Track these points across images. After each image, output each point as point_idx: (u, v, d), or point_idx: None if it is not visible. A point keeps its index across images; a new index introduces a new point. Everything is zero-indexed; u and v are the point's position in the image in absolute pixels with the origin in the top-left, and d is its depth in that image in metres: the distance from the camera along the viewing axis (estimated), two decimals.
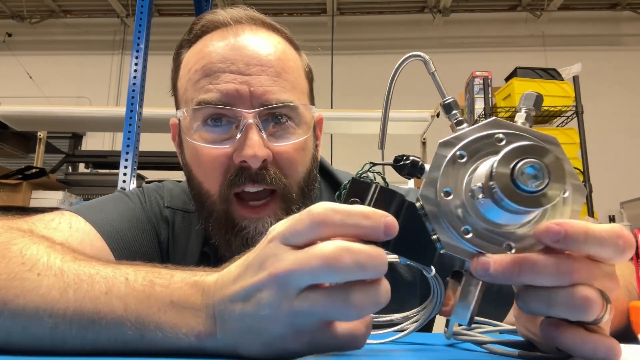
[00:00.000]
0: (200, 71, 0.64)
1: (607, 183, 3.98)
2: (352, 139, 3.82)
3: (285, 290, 0.33)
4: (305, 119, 0.66)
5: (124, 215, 0.67)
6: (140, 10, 2.11)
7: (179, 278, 0.38)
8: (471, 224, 0.32)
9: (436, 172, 0.34)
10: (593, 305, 0.31)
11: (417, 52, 0.39)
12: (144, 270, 0.39)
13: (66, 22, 5.77)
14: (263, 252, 0.35)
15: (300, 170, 0.65)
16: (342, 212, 0.33)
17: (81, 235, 0.60)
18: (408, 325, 0.48)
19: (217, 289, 0.36)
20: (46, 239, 0.45)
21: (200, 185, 0.65)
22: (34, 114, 3.13)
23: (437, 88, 0.38)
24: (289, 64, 0.66)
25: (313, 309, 0.33)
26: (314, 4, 5.53)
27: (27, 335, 0.37)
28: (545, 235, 0.31)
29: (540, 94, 0.36)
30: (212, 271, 0.39)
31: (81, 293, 0.37)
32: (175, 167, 3.37)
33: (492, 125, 0.34)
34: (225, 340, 0.36)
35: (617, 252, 0.31)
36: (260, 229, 0.62)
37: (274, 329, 0.34)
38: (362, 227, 0.33)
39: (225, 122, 0.63)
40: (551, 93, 2.80)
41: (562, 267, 0.31)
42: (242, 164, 0.61)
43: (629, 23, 5.50)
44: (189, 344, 0.36)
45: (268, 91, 0.62)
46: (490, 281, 0.32)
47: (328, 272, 0.32)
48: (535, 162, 0.31)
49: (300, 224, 0.33)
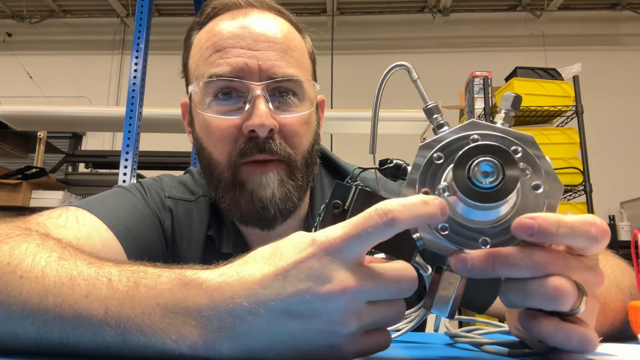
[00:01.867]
0: (210, 47, 0.67)
1: (607, 183, 3.99)
2: (351, 139, 3.82)
3: (356, 305, 0.33)
4: (309, 94, 0.70)
5: (126, 207, 0.69)
6: (140, 10, 2.11)
7: (167, 278, 0.35)
8: (448, 222, 0.34)
9: (415, 174, 0.35)
10: (565, 295, 0.31)
11: (401, 62, 0.41)
12: (129, 270, 0.37)
13: (66, 22, 5.77)
14: (313, 264, 0.32)
15: (304, 142, 0.68)
16: (407, 204, 0.33)
17: (89, 229, 0.61)
18: (403, 325, 0.48)
19: (224, 298, 0.33)
20: (41, 236, 0.45)
21: (210, 155, 0.68)
22: (34, 114, 3.13)
23: (420, 94, 0.40)
24: (295, 43, 0.70)
25: (376, 320, 0.34)
26: (313, 4, 5.53)
27: (17, 339, 0.37)
28: (520, 230, 0.32)
29: (518, 94, 0.37)
30: (205, 269, 0.36)
31: (60, 298, 0.36)
32: (175, 167, 3.38)
33: (469, 127, 0.36)
34: (232, 355, 0.33)
35: (591, 241, 0.32)
36: (264, 182, 0.64)
37: (330, 342, 0.33)
38: (422, 215, 0.33)
39: (234, 95, 0.66)
40: (551, 93, 2.80)
41: (535, 258, 0.32)
42: (251, 134, 0.64)
43: (629, 23, 5.50)
44: (180, 353, 0.33)
45: (275, 65, 0.65)
46: (469, 276, 0.34)
47: (391, 294, 0.34)
48: (489, 160, 0.32)
49: (371, 224, 0.32)
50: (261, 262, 0.34)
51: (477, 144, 0.33)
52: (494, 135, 0.35)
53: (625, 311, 0.50)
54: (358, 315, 0.33)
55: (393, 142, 3.98)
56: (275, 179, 0.65)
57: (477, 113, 2.93)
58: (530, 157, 0.34)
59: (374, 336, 0.35)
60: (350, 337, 0.33)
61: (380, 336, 0.36)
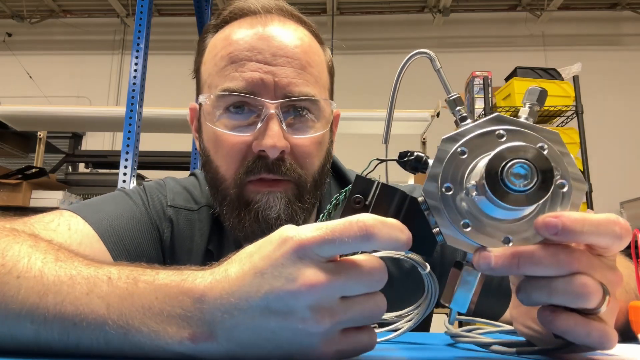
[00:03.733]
0: (226, 57, 0.64)
1: (607, 183, 3.98)
2: (352, 139, 3.82)
3: (328, 302, 0.33)
4: (325, 113, 0.67)
5: (124, 215, 0.67)
6: (140, 10, 2.11)
7: (165, 274, 0.37)
8: (471, 218, 0.33)
9: (438, 168, 0.34)
10: (592, 293, 0.31)
11: (423, 50, 0.39)
12: (127, 269, 0.38)
13: (66, 22, 5.77)
14: (285, 262, 0.33)
15: (315, 163, 0.66)
16: (387, 225, 0.33)
17: (80, 237, 0.60)
18: (402, 325, 0.47)
19: (214, 294, 0.34)
20: (31, 237, 0.44)
21: (216, 169, 0.66)
22: (34, 114, 3.13)
23: (443, 85, 0.39)
24: (314, 58, 0.67)
25: (353, 316, 0.34)
26: (313, 4, 5.53)
27: (14, 340, 0.37)
28: (544, 228, 0.32)
29: (544, 88, 0.36)
30: (200, 269, 0.37)
31: (61, 296, 0.36)
32: (175, 167, 3.38)
33: (494, 122, 0.35)
34: (227, 349, 0.34)
35: (615, 239, 0.32)
36: (271, 202, 0.62)
37: (306, 341, 0.33)
38: (399, 240, 0.34)
39: (247, 110, 0.64)
40: (551, 93, 2.80)
41: (560, 257, 0.32)
42: (261, 153, 0.62)
43: (629, 23, 5.50)
44: (179, 346, 0.34)
45: (292, 83, 0.63)
46: (492, 274, 0.33)
47: (363, 287, 0.34)
48: (524, 162, 0.32)
49: (347, 234, 0.32)
50: (244, 260, 0.35)
51: (512, 145, 0.32)
52: (521, 131, 0.34)
53: (626, 312, 0.50)
54: (331, 311, 0.33)
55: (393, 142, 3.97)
56: (283, 200, 0.63)
57: (477, 113, 2.93)
58: (556, 154, 0.34)
59: (354, 335, 0.35)
60: (325, 336, 0.33)
61: (363, 336, 0.35)
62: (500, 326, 0.52)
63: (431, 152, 3.50)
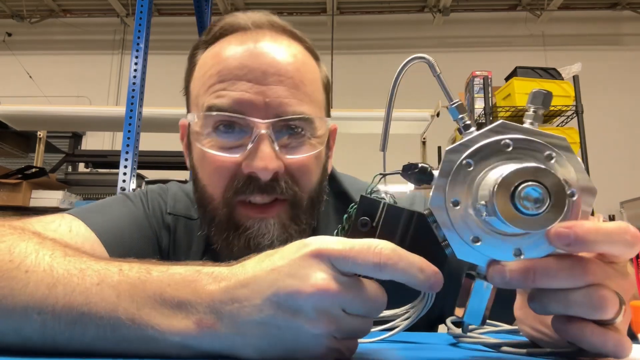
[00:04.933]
0: (215, 76, 0.62)
1: (607, 183, 3.98)
2: (352, 139, 3.82)
3: (333, 310, 0.34)
4: (320, 131, 0.65)
5: (125, 219, 0.66)
6: (140, 10, 2.11)
7: (178, 267, 0.37)
8: (480, 232, 0.33)
9: (444, 181, 0.33)
10: (610, 305, 0.32)
11: (421, 54, 0.38)
12: (138, 263, 0.39)
13: (66, 22, 5.77)
14: (303, 264, 0.34)
15: (312, 181, 0.64)
16: (405, 260, 0.34)
17: (81, 240, 0.59)
18: (399, 323, 0.47)
19: (228, 284, 0.35)
20: (36, 235, 0.44)
21: (204, 188, 0.63)
22: (34, 114, 3.13)
23: (444, 91, 0.38)
24: (308, 76, 0.64)
25: (348, 331, 0.35)
26: (313, 3, 5.53)
27: (18, 335, 0.37)
28: (556, 240, 0.31)
29: (549, 91, 0.35)
30: (217, 265, 0.38)
31: (71, 287, 0.36)
32: (175, 167, 3.38)
33: (499, 130, 0.34)
34: (228, 339, 0.35)
35: (627, 247, 0.32)
36: (263, 230, 0.60)
37: (308, 341, 0.34)
38: (415, 279, 0.35)
39: (237, 130, 0.61)
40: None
41: (575, 269, 0.32)
42: (251, 174, 0.59)
43: (629, 23, 5.50)
44: (184, 334, 0.35)
45: (284, 103, 0.60)
46: (505, 287, 0.33)
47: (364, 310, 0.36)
48: (536, 185, 0.31)
49: (362, 257, 0.34)
50: (263, 258, 0.37)
51: (523, 166, 0.31)
52: (527, 139, 0.33)
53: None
54: (334, 319, 0.34)
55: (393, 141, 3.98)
56: (277, 225, 0.60)
57: (477, 113, 2.93)
58: (564, 161, 0.33)
59: (343, 342, 0.36)
60: (324, 339, 0.34)
61: (350, 342, 0.37)
62: (500, 326, 0.52)
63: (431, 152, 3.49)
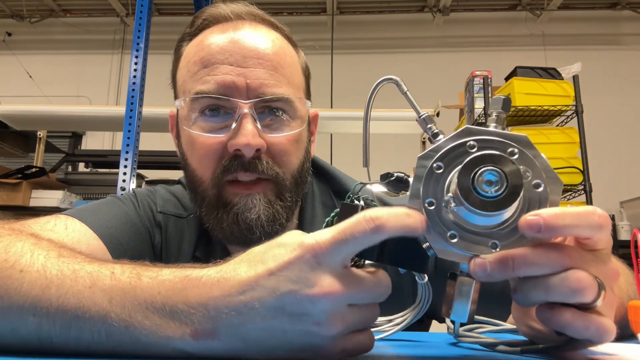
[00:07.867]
0: (198, 62, 0.66)
1: (607, 182, 3.98)
2: (351, 139, 3.82)
3: (340, 308, 0.35)
4: (300, 112, 0.68)
5: (119, 217, 0.68)
6: (140, 10, 2.11)
7: (168, 271, 0.37)
8: (456, 229, 0.35)
9: (418, 185, 0.36)
10: (587, 287, 0.32)
11: (388, 76, 0.41)
12: (130, 266, 0.39)
13: (66, 22, 5.77)
14: (301, 266, 0.34)
15: (293, 162, 0.67)
16: (394, 213, 0.35)
17: (78, 236, 0.61)
18: (389, 328, 0.49)
19: (222, 291, 0.34)
20: (33, 236, 0.45)
21: (194, 172, 0.66)
22: (33, 114, 3.13)
23: (412, 106, 0.41)
24: (286, 59, 0.68)
25: (357, 322, 0.36)
26: (313, 3, 5.53)
27: (15, 336, 0.37)
28: (527, 228, 0.32)
29: (507, 96, 0.39)
30: (203, 267, 0.37)
31: (64, 289, 0.37)
32: (175, 167, 3.38)
33: (464, 134, 0.36)
34: (229, 346, 0.34)
35: (596, 228, 0.33)
36: (250, 204, 0.63)
37: (317, 342, 0.34)
38: (406, 222, 0.35)
39: (222, 113, 0.65)
40: (551, 92, 2.80)
41: (551, 254, 0.33)
42: (236, 152, 0.62)
43: (628, 22, 5.49)
44: (180, 343, 0.35)
45: (264, 84, 0.64)
46: (488, 280, 0.34)
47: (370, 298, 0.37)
48: (492, 169, 0.33)
49: (357, 230, 0.34)
50: (255, 261, 0.36)
51: (479, 154, 0.34)
52: (490, 139, 0.36)
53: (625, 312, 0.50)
54: (342, 317, 0.35)
55: (393, 141, 3.98)
56: (262, 201, 0.63)
57: (477, 112, 2.93)
58: (527, 157, 0.35)
59: (356, 337, 0.36)
60: (334, 338, 0.35)
61: (364, 336, 0.37)
62: (499, 324, 0.52)
63: None
